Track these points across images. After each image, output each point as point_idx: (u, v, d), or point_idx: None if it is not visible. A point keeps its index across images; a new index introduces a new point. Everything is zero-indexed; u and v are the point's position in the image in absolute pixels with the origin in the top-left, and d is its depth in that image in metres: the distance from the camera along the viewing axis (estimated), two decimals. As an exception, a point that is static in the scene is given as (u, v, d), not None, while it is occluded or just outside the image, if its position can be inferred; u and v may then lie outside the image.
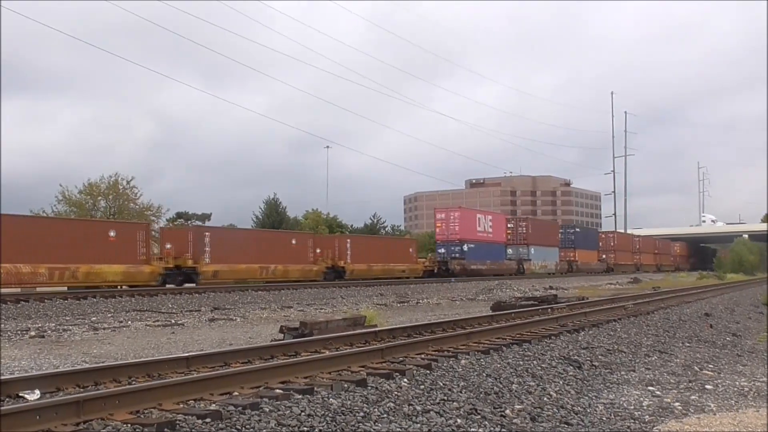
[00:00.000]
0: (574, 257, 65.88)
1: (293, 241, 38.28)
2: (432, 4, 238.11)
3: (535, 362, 9.21)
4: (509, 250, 54.87)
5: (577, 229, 72.19)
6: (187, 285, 30.48)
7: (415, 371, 7.76)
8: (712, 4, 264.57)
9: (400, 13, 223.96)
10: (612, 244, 75.95)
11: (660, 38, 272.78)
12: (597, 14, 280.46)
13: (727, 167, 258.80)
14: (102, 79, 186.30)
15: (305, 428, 5.48)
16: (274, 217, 64.51)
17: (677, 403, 7.81)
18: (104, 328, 15.34)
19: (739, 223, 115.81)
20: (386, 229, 78.96)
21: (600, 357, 10.39)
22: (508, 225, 56.80)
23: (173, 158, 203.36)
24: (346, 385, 6.84)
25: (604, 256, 73.36)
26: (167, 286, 29.27)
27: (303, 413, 5.77)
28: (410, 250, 47.24)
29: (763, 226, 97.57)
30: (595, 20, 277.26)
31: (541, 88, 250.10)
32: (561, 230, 68.07)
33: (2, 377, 6.75)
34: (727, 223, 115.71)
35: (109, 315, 18.55)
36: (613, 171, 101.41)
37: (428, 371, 7.87)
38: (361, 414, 6.00)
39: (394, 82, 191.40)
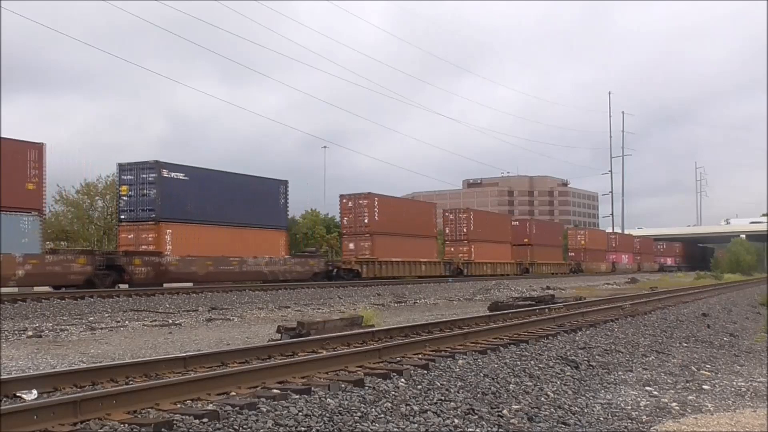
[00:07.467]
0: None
1: None
2: (442, 4, 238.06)
3: (532, 362, 9.22)
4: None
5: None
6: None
7: (412, 371, 7.75)
8: (735, 5, 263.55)
9: (414, 16, 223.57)
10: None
11: (675, 39, 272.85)
12: (617, 15, 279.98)
13: (738, 168, 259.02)
14: (117, 77, 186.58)
15: (302, 428, 5.48)
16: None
17: (674, 404, 7.82)
18: (101, 328, 15.32)
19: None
20: None
21: (597, 357, 10.40)
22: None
23: (185, 156, 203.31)
24: (343, 385, 6.83)
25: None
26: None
27: (300, 413, 5.77)
28: None
29: (764, 226, 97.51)
30: (616, 21, 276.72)
31: (553, 91, 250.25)
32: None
33: (0, 377, 6.74)
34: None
35: (107, 315, 18.51)
36: (611, 171, 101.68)
37: (425, 371, 7.87)
38: (359, 414, 6.00)
39: (402, 85, 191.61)
